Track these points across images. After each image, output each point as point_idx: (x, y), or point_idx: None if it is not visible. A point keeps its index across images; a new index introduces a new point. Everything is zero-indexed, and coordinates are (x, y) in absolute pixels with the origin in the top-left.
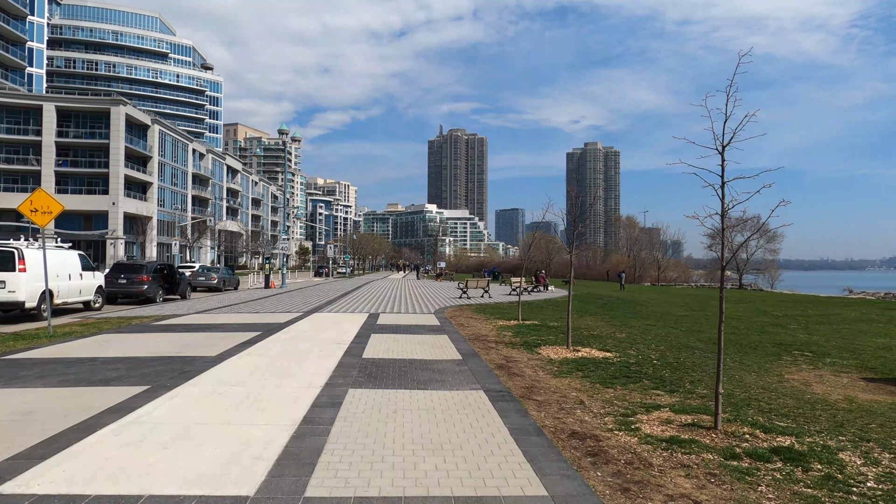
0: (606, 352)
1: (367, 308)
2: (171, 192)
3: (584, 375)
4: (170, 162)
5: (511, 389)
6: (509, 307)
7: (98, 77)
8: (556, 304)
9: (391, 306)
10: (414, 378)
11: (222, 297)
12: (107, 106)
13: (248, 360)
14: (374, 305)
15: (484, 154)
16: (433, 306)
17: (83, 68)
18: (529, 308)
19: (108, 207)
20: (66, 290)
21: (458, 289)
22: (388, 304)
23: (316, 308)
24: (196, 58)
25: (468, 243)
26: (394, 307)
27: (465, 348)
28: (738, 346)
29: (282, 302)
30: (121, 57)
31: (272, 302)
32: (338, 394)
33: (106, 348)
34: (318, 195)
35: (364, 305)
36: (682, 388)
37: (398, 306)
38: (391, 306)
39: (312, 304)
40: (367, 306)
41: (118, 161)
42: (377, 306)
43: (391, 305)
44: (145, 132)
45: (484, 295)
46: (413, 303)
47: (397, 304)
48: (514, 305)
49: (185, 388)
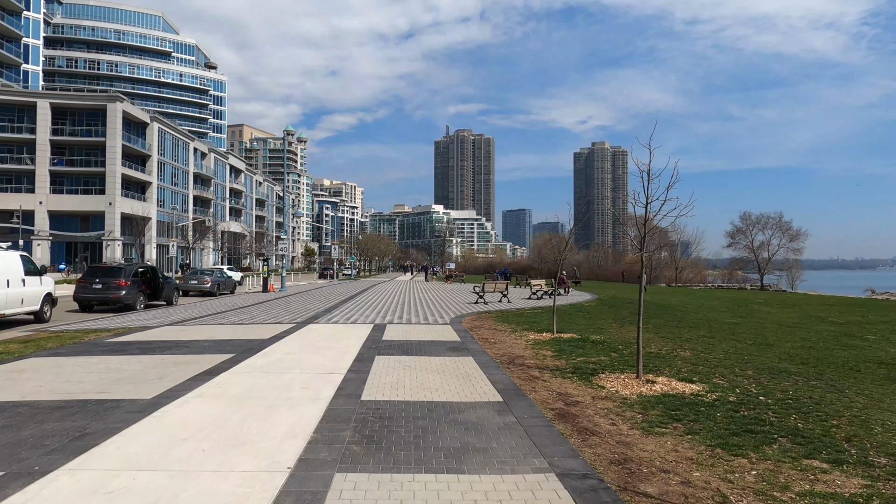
0: (689, 382)
1: (372, 317)
2: (172, 193)
3: (688, 430)
4: (170, 161)
5: (596, 468)
6: (535, 315)
7: (100, 76)
8: (585, 310)
9: (399, 314)
10: (440, 444)
11: (213, 302)
12: (103, 102)
13: (192, 410)
14: (379, 314)
15: (491, 154)
16: (448, 314)
17: (85, 68)
18: (556, 315)
19: (104, 208)
20: (1, 300)
21: (474, 293)
22: (396, 311)
23: (313, 317)
24: (200, 57)
25: (475, 244)
26: (402, 315)
27: (501, 380)
28: (833, 365)
29: (276, 309)
30: (123, 56)
31: (265, 309)
32: (314, 490)
33: (9, 385)
34: (325, 196)
35: (368, 314)
36: (844, 451)
37: (407, 314)
38: (399, 314)
39: (310, 311)
40: (371, 315)
41: (115, 160)
42: (383, 314)
43: (399, 313)
44: (144, 130)
45: (502, 300)
46: (424, 309)
47: (406, 311)
48: (540, 313)
49: (39, 493)
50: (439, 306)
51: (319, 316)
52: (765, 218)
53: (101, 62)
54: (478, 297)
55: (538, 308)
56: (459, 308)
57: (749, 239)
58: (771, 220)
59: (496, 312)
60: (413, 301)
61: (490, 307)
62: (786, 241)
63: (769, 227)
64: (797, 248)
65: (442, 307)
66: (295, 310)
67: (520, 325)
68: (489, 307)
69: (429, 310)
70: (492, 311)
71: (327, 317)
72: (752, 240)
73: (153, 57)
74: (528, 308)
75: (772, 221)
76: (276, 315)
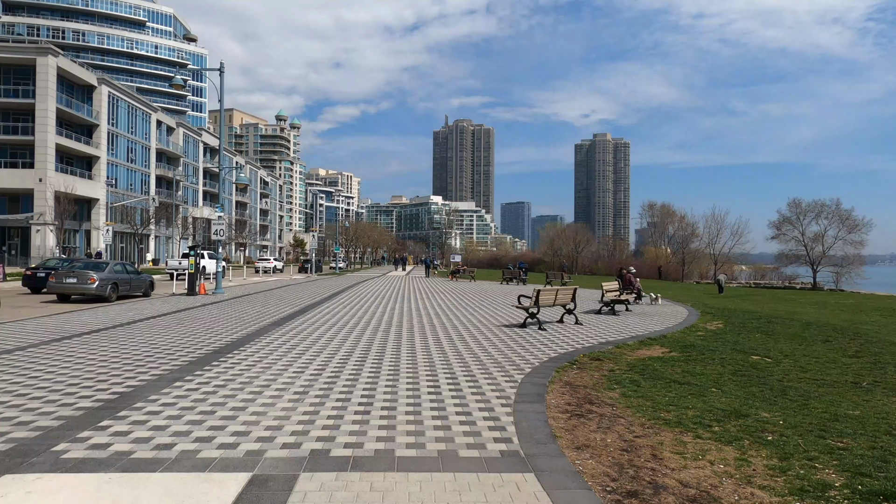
0: None
1: (286, 402)
2: (128, 170)
3: None
4: (125, 133)
5: None
6: (689, 369)
7: (65, 46)
8: (735, 344)
9: (363, 395)
10: None
11: (64, 321)
12: (31, 56)
13: None
14: (311, 385)
15: (490, 145)
16: (498, 380)
17: (49, 36)
18: (693, 363)
19: (34, 185)
20: None
21: (519, 307)
22: (364, 368)
23: (134, 392)
24: (178, 28)
25: (475, 236)
26: (374, 399)
27: None
28: None
29: (96, 356)
30: (91, 24)
31: (83, 352)
32: None
33: None
34: (320, 185)
35: (285, 383)
36: None
37: (386, 397)
38: (363, 395)
39: (161, 363)
40: (291, 387)
41: (46, 126)
42: (320, 391)
43: (364, 389)
44: (90, 94)
45: (564, 317)
46: (431, 364)
47: (388, 369)
48: (682, 362)
49: None
50: (465, 342)
51: (158, 387)
52: (818, 205)
53: (66, 30)
54: (527, 317)
55: (647, 338)
56: (504, 343)
57: (799, 230)
58: (826, 209)
59: (590, 360)
60: (408, 322)
61: (561, 339)
62: (844, 233)
63: (824, 216)
64: (858, 240)
65: (471, 343)
66: (142, 356)
67: (712, 419)
68: (558, 338)
69: (444, 350)
70: (590, 361)
71: (174, 391)
72: (802, 231)
73: (125, 26)
74: (628, 338)
75: (827, 209)
76: (66, 381)
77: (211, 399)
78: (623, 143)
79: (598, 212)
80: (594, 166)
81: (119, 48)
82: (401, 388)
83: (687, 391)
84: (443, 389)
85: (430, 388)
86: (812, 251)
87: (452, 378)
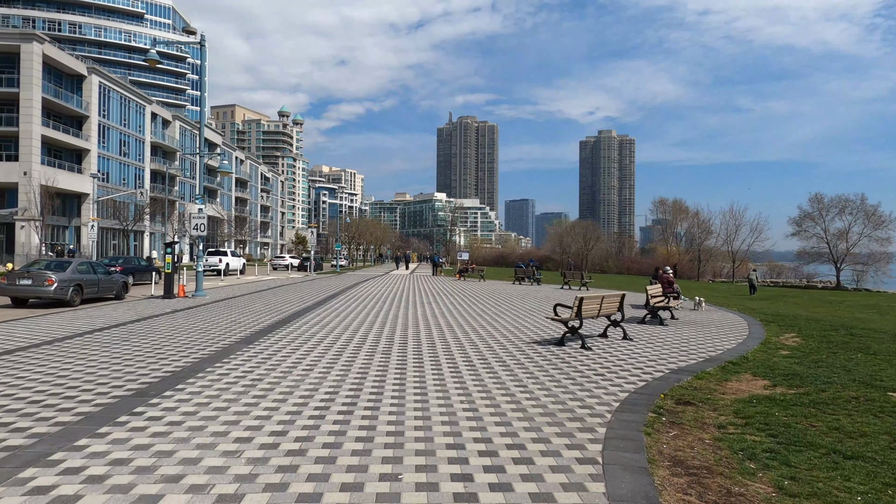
0: None
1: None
2: (120, 164)
3: None
4: (117, 126)
5: None
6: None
7: (60, 39)
8: (823, 362)
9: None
10: None
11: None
12: (15, 42)
13: None
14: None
15: (495, 142)
16: (562, 454)
17: (44, 29)
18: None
19: (18, 178)
20: None
21: (556, 320)
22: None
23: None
24: (177, 21)
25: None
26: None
27: None
28: None
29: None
30: (87, 17)
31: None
32: None
33: None
34: (323, 182)
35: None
36: None
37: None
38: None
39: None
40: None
41: (31, 117)
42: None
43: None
44: (80, 84)
45: (608, 330)
46: (451, 397)
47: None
48: (799, 400)
49: None
50: (488, 383)
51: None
52: (842, 200)
53: (61, 22)
54: (565, 332)
55: (721, 360)
56: (547, 382)
57: (822, 226)
58: (850, 204)
59: (677, 405)
60: (414, 338)
61: (615, 363)
62: (869, 229)
63: (848, 212)
64: (885, 237)
65: (499, 386)
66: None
67: None
68: (611, 361)
69: (476, 436)
70: (678, 407)
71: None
72: (825, 227)
73: (122, 18)
74: (699, 362)
75: (851, 205)
76: None
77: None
78: (628, 139)
79: (604, 209)
80: (599, 163)
81: (116, 41)
82: (406, 490)
83: (865, 471)
84: (477, 480)
85: (454, 480)
86: (836, 249)
87: (488, 454)
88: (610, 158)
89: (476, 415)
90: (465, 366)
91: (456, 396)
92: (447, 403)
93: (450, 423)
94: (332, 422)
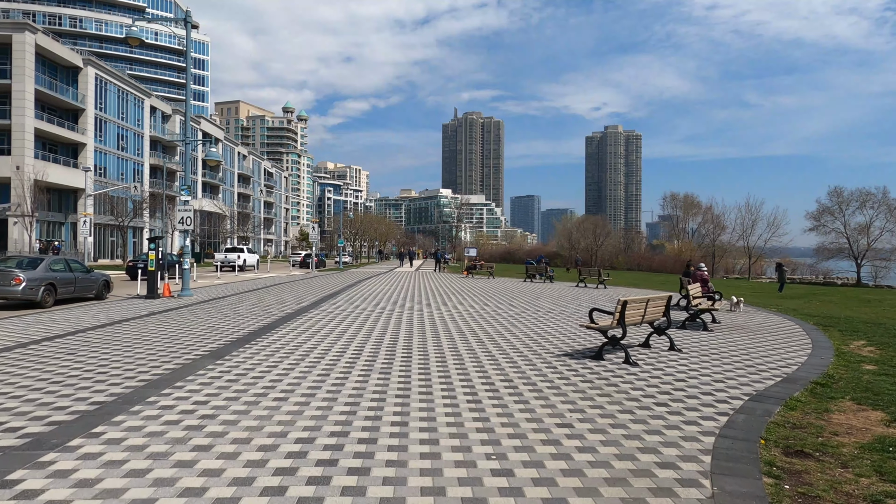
0: None
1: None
2: (118, 159)
3: None
4: (115, 119)
5: None
6: None
7: (61, 33)
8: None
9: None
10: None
11: None
12: (7, 32)
13: None
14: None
15: (500, 138)
16: None
17: (44, 23)
18: None
19: (10, 173)
20: None
21: (592, 328)
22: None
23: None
24: (180, 14)
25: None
26: None
27: None
28: None
29: None
30: (89, 10)
31: None
32: None
33: None
34: (328, 179)
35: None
36: None
37: None
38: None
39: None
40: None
41: (24, 110)
42: None
43: None
44: (75, 76)
45: (649, 338)
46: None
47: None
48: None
49: None
50: (518, 418)
51: None
52: (863, 194)
53: (62, 17)
54: (605, 343)
55: (800, 379)
56: (596, 417)
57: (841, 221)
58: (871, 198)
59: (788, 457)
60: (420, 348)
61: (672, 385)
62: (891, 224)
63: (868, 206)
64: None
65: (532, 422)
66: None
67: None
68: (666, 381)
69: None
70: (791, 460)
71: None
72: (845, 222)
73: (124, 12)
74: (772, 384)
75: (872, 199)
76: None
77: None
78: (635, 135)
79: (610, 205)
80: (605, 159)
81: (117, 35)
82: None
83: None
84: None
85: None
86: (856, 244)
87: None
88: (616, 154)
89: (512, 483)
90: (486, 393)
91: (479, 447)
92: (468, 460)
93: (473, 500)
94: (309, 470)
